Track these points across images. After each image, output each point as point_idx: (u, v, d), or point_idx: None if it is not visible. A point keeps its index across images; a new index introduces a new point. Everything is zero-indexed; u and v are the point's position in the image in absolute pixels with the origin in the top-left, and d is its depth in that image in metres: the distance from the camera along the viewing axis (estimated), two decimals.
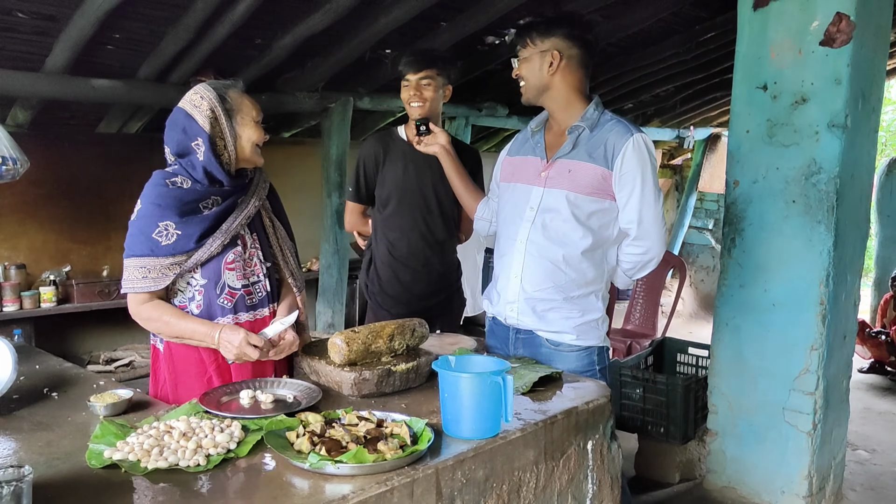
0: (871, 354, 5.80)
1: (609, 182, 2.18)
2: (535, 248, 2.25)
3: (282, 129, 5.87)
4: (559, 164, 2.24)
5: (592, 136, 2.22)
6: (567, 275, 2.23)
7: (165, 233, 1.95)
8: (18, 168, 3.28)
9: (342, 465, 1.35)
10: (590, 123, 2.22)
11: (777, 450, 3.15)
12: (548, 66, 2.23)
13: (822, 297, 2.99)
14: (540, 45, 2.22)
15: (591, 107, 2.25)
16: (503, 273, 2.35)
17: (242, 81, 2.14)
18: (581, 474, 1.85)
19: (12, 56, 3.63)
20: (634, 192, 2.17)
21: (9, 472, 1.15)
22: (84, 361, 4.68)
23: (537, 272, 2.25)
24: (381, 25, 3.94)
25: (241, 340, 1.91)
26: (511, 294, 2.31)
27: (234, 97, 2.04)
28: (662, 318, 5.47)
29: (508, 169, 2.44)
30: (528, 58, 2.25)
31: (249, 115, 2.04)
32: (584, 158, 2.20)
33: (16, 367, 1.78)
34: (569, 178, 2.20)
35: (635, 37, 5.24)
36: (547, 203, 2.24)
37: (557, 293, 2.24)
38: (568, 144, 2.23)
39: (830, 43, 2.90)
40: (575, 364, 2.26)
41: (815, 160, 2.98)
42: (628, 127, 2.21)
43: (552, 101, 2.29)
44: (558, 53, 2.21)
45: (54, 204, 4.65)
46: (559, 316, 2.26)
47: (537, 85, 2.26)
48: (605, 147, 2.18)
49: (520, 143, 2.44)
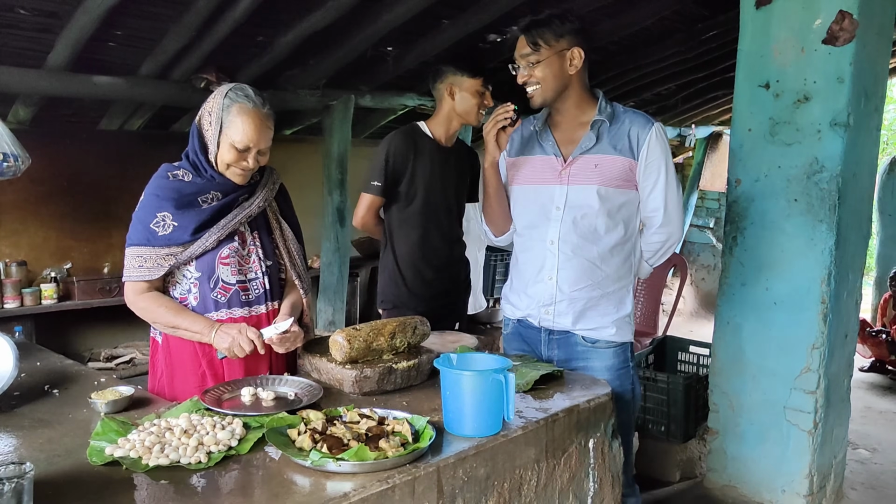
0: (872, 353, 5.80)
1: (634, 172, 2.19)
2: (568, 247, 2.23)
3: (283, 127, 5.87)
4: (583, 160, 2.21)
5: (613, 128, 2.21)
6: (603, 271, 2.24)
7: (162, 223, 1.98)
8: (20, 165, 3.28)
9: (343, 462, 1.35)
10: (608, 116, 2.22)
11: (778, 448, 3.15)
12: (568, 65, 2.19)
13: (824, 296, 2.99)
14: (556, 46, 2.17)
15: (601, 101, 2.24)
16: (533, 276, 2.31)
17: (241, 78, 2.13)
18: (582, 473, 1.84)
19: (14, 53, 3.63)
20: (660, 180, 2.20)
21: (10, 469, 1.15)
22: (85, 358, 4.68)
23: (574, 271, 2.24)
24: (383, 23, 3.93)
25: (236, 332, 1.93)
26: (546, 296, 2.28)
27: (234, 113, 1.98)
28: (663, 317, 5.47)
29: (516, 171, 2.38)
30: (546, 60, 2.17)
31: (233, 139, 1.98)
32: (609, 151, 2.19)
33: (17, 363, 1.78)
34: (597, 172, 2.19)
35: (637, 35, 5.24)
36: (575, 200, 2.21)
37: (596, 290, 2.24)
38: (590, 138, 2.21)
39: (833, 41, 2.89)
40: (612, 360, 2.27)
41: (818, 159, 2.97)
42: (646, 117, 2.22)
43: (568, 99, 2.25)
44: (579, 50, 2.18)
45: (55, 201, 4.65)
46: (597, 313, 2.26)
47: (557, 87, 2.21)
48: (629, 138, 2.18)
49: (521, 143, 2.38)
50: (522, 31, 2.21)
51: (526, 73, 2.21)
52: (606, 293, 2.26)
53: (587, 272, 2.23)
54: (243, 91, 2.00)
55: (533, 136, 2.34)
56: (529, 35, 2.19)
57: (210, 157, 2.03)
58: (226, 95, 1.99)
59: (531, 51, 2.18)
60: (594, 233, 2.22)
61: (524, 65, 2.21)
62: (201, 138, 2.03)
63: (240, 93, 1.99)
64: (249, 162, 2.01)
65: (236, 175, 2.04)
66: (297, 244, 2.25)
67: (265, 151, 2.06)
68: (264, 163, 2.09)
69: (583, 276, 2.23)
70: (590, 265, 2.23)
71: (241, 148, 1.99)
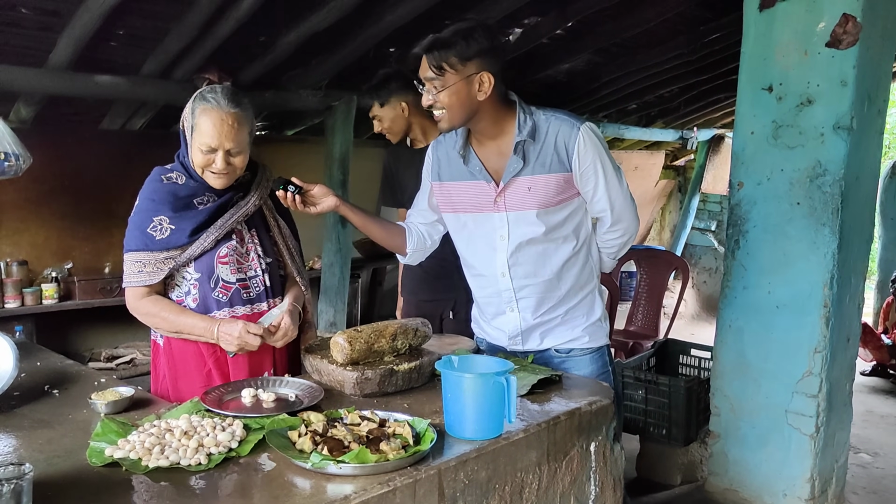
0: (873, 357, 5.79)
1: (571, 182, 2.06)
2: (521, 274, 2.13)
3: (285, 127, 5.87)
4: (515, 184, 2.05)
5: (537, 144, 2.03)
6: (563, 287, 2.15)
7: (160, 227, 1.99)
8: (21, 164, 3.27)
9: (344, 465, 1.34)
10: (530, 132, 2.03)
11: (779, 452, 3.14)
12: (477, 91, 1.97)
13: (826, 300, 2.98)
14: (462, 70, 1.94)
15: (519, 114, 2.05)
16: (493, 310, 2.23)
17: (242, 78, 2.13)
18: (583, 476, 1.84)
19: (15, 52, 3.63)
20: (599, 182, 2.06)
21: (9, 470, 1.15)
22: (85, 359, 4.67)
23: (534, 298, 2.15)
24: (386, 23, 3.93)
25: (240, 331, 1.92)
26: (511, 328, 2.20)
27: (198, 114, 1.95)
28: (665, 320, 5.46)
29: (446, 198, 2.20)
30: (452, 86, 1.94)
31: (200, 140, 1.94)
32: (540, 171, 2.03)
33: (17, 363, 1.78)
34: (531, 195, 2.05)
35: (639, 37, 5.23)
36: (516, 227, 2.08)
37: (560, 307, 2.17)
38: (516, 161, 2.03)
39: (836, 44, 2.88)
40: (591, 367, 2.20)
41: (821, 162, 2.97)
42: (570, 120, 2.03)
43: (482, 122, 2.05)
44: (489, 75, 1.96)
45: (56, 200, 4.64)
46: (567, 327, 2.19)
47: (465, 114, 1.99)
48: (557, 150, 2.02)
49: (449, 167, 2.18)
50: (424, 52, 1.96)
51: (430, 97, 2.00)
52: (572, 306, 2.18)
53: (547, 294, 2.14)
54: (211, 92, 1.96)
55: (457, 159, 2.14)
56: (432, 57, 1.94)
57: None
58: (195, 99, 1.99)
59: (434, 75, 1.95)
60: (544, 254, 2.11)
61: (429, 88, 1.99)
62: (185, 140, 2.04)
63: (207, 94, 1.96)
64: (218, 162, 1.95)
65: (211, 178, 2.00)
66: (294, 241, 2.25)
67: (236, 153, 1.97)
68: (240, 165, 2.01)
69: (544, 300, 2.15)
70: (547, 286, 2.14)
71: (206, 150, 1.94)
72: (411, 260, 2.34)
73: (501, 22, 4.29)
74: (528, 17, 4.64)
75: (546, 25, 4.72)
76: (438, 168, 2.21)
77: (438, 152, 2.22)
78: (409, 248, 2.28)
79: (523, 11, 4.37)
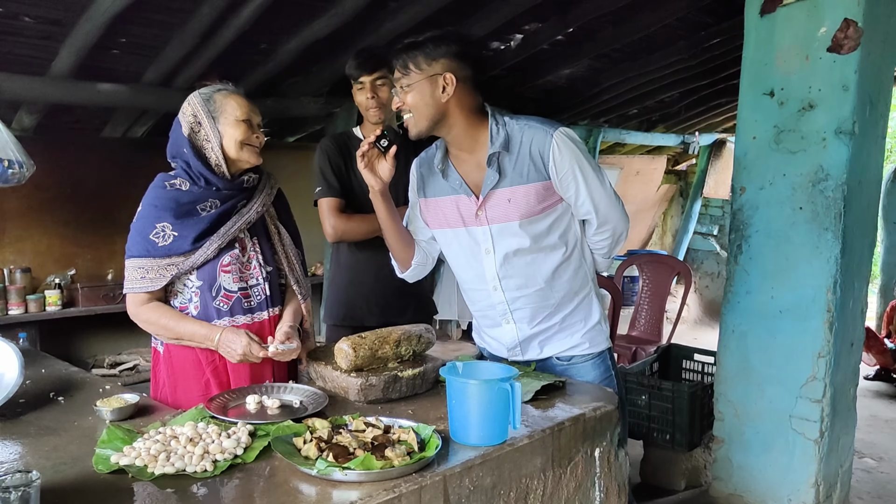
0: (877, 361, 5.78)
1: (552, 189, 2.02)
2: (512, 285, 2.11)
3: (286, 134, 5.88)
4: (495, 196, 2.03)
5: (512, 155, 2.01)
6: (557, 294, 2.13)
7: (162, 234, 1.99)
8: (24, 172, 3.28)
9: (350, 471, 1.34)
10: (503, 144, 2.01)
11: (784, 457, 3.14)
12: (440, 92, 1.96)
13: (830, 305, 2.98)
14: (427, 70, 1.96)
15: (491, 125, 2.03)
16: (489, 322, 2.22)
17: (244, 86, 2.16)
18: (588, 482, 1.83)
19: (18, 60, 3.64)
20: (580, 186, 2.03)
21: (16, 478, 1.15)
22: (88, 365, 4.68)
23: (528, 309, 2.13)
24: (386, 31, 3.95)
25: (244, 348, 1.94)
26: (509, 339, 2.19)
27: (219, 99, 2.05)
28: (667, 325, 5.45)
29: (432, 213, 2.19)
30: (414, 85, 1.96)
31: (233, 115, 2.04)
32: (518, 182, 2.01)
33: (22, 371, 1.78)
34: (512, 206, 2.02)
35: (641, 42, 5.25)
36: (500, 239, 2.06)
37: (557, 314, 2.15)
38: (493, 175, 2.02)
39: (838, 49, 2.89)
40: (593, 374, 2.18)
41: (823, 167, 2.97)
42: (542, 128, 2.01)
43: (451, 129, 2.03)
44: (451, 76, 1.96)
45: (59, 208, 4.66)
46: (566, 334, 2.17)
47: (430, 115, 1.98)
48: (532, 160, 2.00)
49: (432, 182, 2.18)
50: (396, 54, 2.02)
51: (398, 99, 2.02)
52: (568, 313, 2.16)
53: (541, 303, 2.12)
54: (210, 87, 2.08)
55: (437, 174, 2.14)
56: (400, 58, 1.99)
57: (213, 156, 2.03)
58: (197, 96, 2.06)
59: (401, 74, 1.99)
60: (533, 264, 2.08)
61: (398, 90, 2.02)
62: (195, 147, 2.03)
63: (205, 90, 2.07)
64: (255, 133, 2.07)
65: (252, 154, 2.07)
66: (296, 249, 2.26)
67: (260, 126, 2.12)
68: (262, 142, 2.11)
69: (539, 310, 2.13)
70: (541, 295, 2.11)
71: (245, 118, 2.04)
72: (411, 275, 2.34)
73: (502, 28, 4.30)
74: (528, 23, 4.66)
75: (547, 31, 4.74)
76: (423, 185, 2.21)
77: (421, 169, 2.22)
78: (414, 261, 2.29)
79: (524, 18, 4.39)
